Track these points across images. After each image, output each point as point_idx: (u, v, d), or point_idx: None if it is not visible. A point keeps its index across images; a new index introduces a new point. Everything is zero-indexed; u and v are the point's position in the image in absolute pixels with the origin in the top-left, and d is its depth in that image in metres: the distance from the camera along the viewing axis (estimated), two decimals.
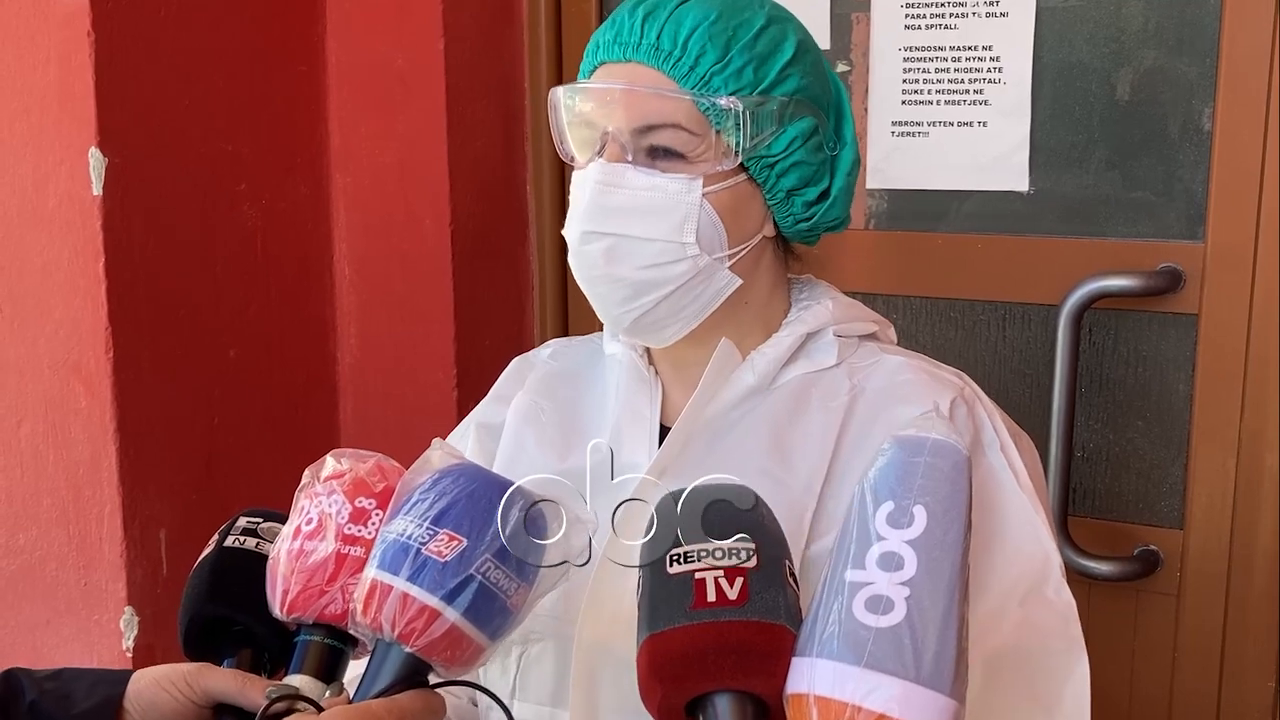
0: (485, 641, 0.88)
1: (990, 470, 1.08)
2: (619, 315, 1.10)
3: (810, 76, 1.09)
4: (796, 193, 1.10)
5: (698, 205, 1.05)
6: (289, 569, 0.95)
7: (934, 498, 0.75)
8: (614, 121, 1.06)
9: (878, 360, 1.14)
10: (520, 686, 1.13)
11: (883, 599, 0.72)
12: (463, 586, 0.85)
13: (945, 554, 0.74)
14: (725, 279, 1.08)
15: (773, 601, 0.76)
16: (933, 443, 0.78)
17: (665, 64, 1.05)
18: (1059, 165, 1.67)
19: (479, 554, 0.86)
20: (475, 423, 1.27)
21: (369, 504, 0.96)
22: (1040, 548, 1.06)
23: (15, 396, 1.69)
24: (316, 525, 0.96)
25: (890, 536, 0.74)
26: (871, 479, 0.77)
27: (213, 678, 0.93)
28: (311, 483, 0.99)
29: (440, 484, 0.90)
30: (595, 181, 1.06)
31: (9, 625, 1.76)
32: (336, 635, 0.95)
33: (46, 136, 1.61)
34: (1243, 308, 1.57)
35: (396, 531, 0.88)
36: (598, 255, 1.07)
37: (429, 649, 0.86)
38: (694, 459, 1.09)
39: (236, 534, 1.03)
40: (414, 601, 0.85)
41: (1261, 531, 1.58)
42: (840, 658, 0.71)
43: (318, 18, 1.88)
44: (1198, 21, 1.58)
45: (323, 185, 1.91)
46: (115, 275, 1.60)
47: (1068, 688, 1.03)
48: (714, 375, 1.11)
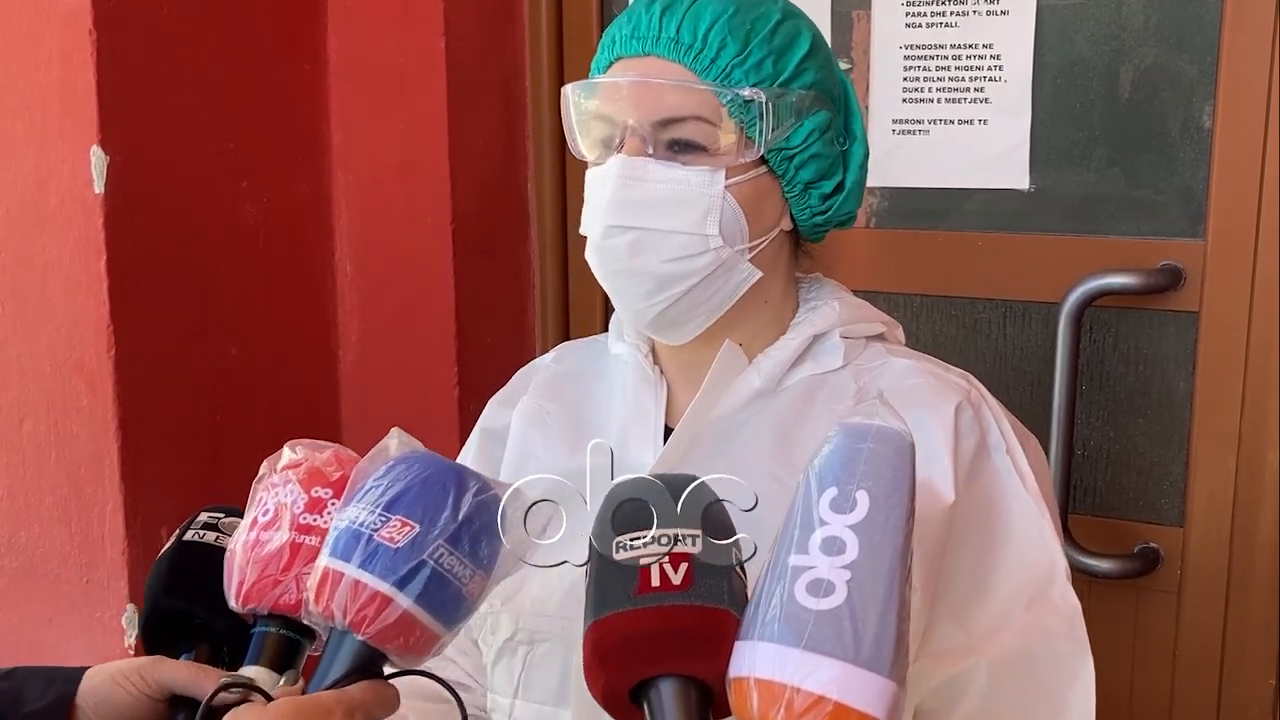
0: (440, 629, 0.87)
1: (996, 473, 1.08)
2: (643, 309, 1.09)
3: (824, 71, 1.10)
4: (814, 185, 1.10)
5: (721, 197, 1.05)
6: (244, 559, 0.94)
7: (876, 483, 0.76)
8: (634, 115, 1.05)
9: (885, 362, 1.14)
10: (524, 686, 1.13)
11: (824, 582, 0.72)
12: (415, 572, 0.84)
13: (887, 538, 0.74)
14: (746, 271, 1.08)
15: (717, 587, 0.76)
16: (876, 429, 0.78)
17: (686, 57, 1.05)
18: (1059, 163, 1.67)
19: (431, 540, 0.85)
20: (479, 428, 1.27)
21: (325, 493, 0.96)
22: (1046, 551, 1.06)
23: (17, 394, 1.70)
24: (273, 516, 0.95)
25: (833, 521, 0.74)
26: (816, 465, 0.78)
27: (166, 669, 0.92)
28: (269, 474, 0.98)
29: (394, 471, 0.89)
30: (617, 175, 1.05)
31: (11, 623, 1.76)
32: (292, 626, 0.94)
33: (48, 135, 1.61)
34: (1243, 305, 1.57)
35: (349, 519, 0.87)
36: (622, 249, 1.06)
37: (381, 637, 0.85)
38: (699, 460, 1.08)
39: (196, 528, 1.03)
40: (365, 588, 0.84)
41: (1262, 528, 1.58)
42: (781, 640, 0.71)
43: (319, 15, 1.88)
44: (1198, 19, 1.57)
45: (324, 183, 1.91)
46: (117, 273, 1.60)
47: (1073, 692, 1.03)
48: (718, 376, 1.11)
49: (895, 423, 0.79)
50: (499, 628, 1.14)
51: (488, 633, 1.16)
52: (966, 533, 1.05)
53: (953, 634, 1.03)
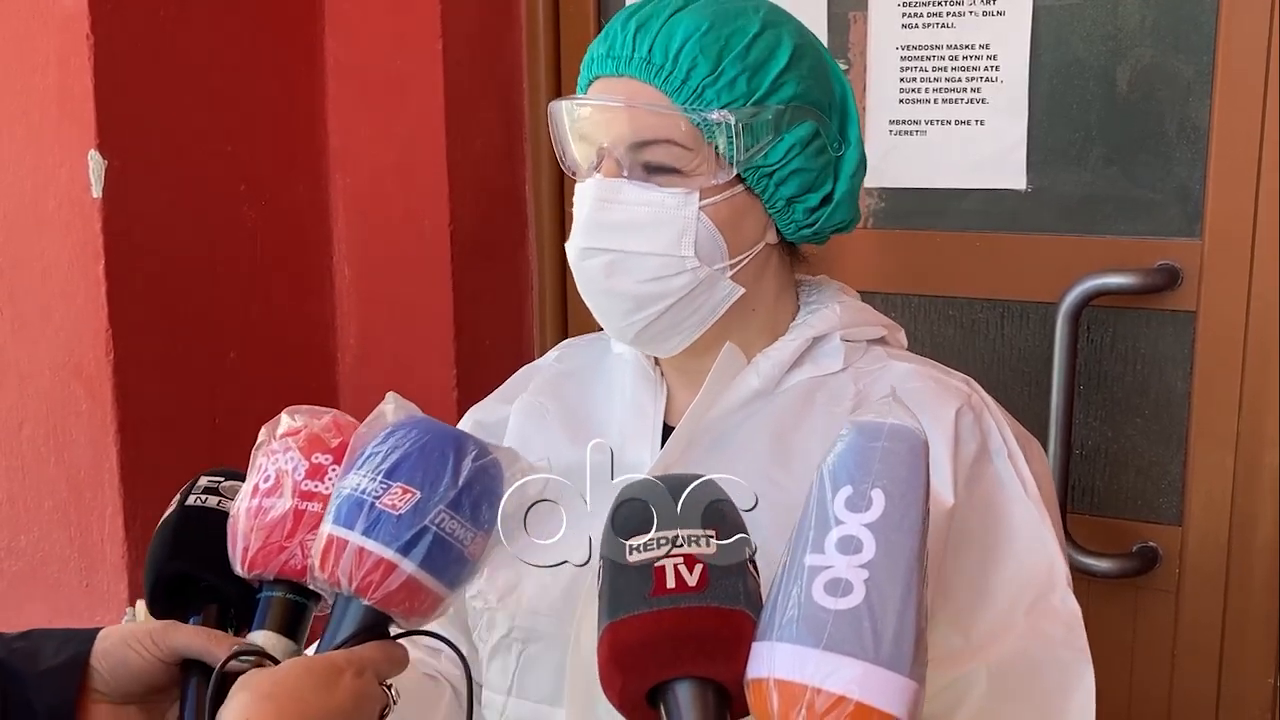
0: (444, 591, 0.89)
1: (997, 478, 1.08)
2: (622, 328, 1.10)
3: (809, 80, 1.08)
4: (797, 200, 1.09)
5: (695, 219, 1.04)
6: (248, 526, 0.95)
7: (891, 481, 0.75)
8: (609, 137, 1.06)
9: (885, 366, 1.13)
10: (519, 684, 1.13)
11: (841, 581, 0.72)
12: (418, 538, 0.86)
13: (903, 537, 0.74)
14: (727, 289, 1.08)
15: (733, 588, 0.76)
16: (890, 427, 0.78)
17: (657, 79, 1.04)
18: (1056, 163, 1.67)
19: (433, 505, 0.87)
20: (472, 420, 1.26)
21: (325, 459, 0.96)
22: (1046, 556, 1.05)
23: (16, 399, 1.70)
24: (274, 483, 0.96)
25: (849, 520, 0.74)
26: (830, 464, 0.77)
27: (179, 634, 0.93)
28: (268, 440, 0.99)
29: (393, 438, 0.90)
30: (593, 198, 1.06)
31: (11, 626, 1.74)
32: (298, 590, 0.95)
33: (46, 139, 1.61)
34: (1240, 304, 1.57)
35: (351, 486, 0.89)
36: (598, 271, 1.07)
37: (387, 601, 0.87)
38: (697, 461, 1.08)
39: (198, 493, 1.03)
40: (370, 555, 0.86)
41: (1260, 527, 1.58)
42: (800, 640, 0.71)
43: (316, 19, 1.88)
44: (1194, 18, 1.58)
45: (322, 186, 1.92)
46: (115, 277, 1.61)
47: (1073, 700, 1.03)
48: (717, 378, 1.11)
49: (909, 421, 0.79)
50: (494, 625, 1.14)
51: (483, 630, 1.16)
52: (967, 537, 1.05)
53: (953, 639, 1.03)
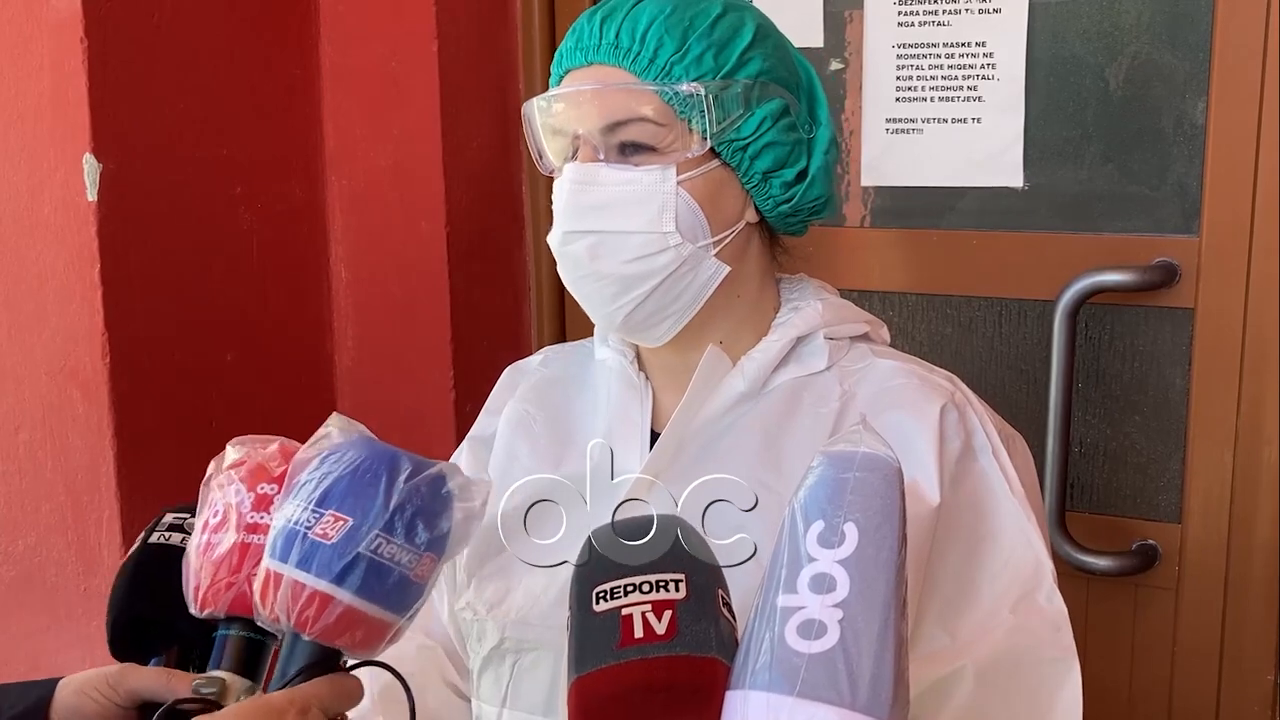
0: (390, 617, 0.86)
1: (982, 475, 1.08)
2: (610, 313, 1.10)
3: (774, 59, 1.10)
4: (773, 174, 1.10)
5: (673, 194, 1.05)
6: (198, 563, 0.93)
7: (865, 514, 0.72)
8: (583, 124, 1.07)
9: (869, 364, 1.14)
10: (512, 694, 1.13)
11: (815, 623, 0.69)
12: (351, 567, 0.84)
13: (879, 571, 0.71)
14: (712, 267, 1.09)
15: (703, 634, 0.73)
16: (862, 456, 0.75)
17: (625, 60, 1.06)
18: (1053, 161, 1.67)
19: (365, 531, 0.84)
20: (469, 436, 1.27)
21: (270, 489, 0.94)
22: (1032, 554, 1.05)
23: (12, 403, 1.69)
24: (222, 518, 0.94)
25: (821, 557, 0.71)
26: (801, 499, 0.74)
27: (136, 677, 0.91)
28: (215, 473, 0.97)
29: (326, 463, 0.88)
30: (571, 182, 1.07)
31: (8, 632, 1.76)
32: (254, 627, 0.92)
33: (40, 143, 1.61)
34: (1238, 301, 1.56)
35: (285, 517, 0.86)
36: (582, 253, 1.08)
37: (327, 634, 0.84)
38: (686, 465, 1.09)
39: (161, 530, 1.01)
40: (304, 588, 0.84)
41: (1259, 525, 1.58)
42: (773, 688, 0.68)
43: (311, 20, 1.88)
44: (1190, 15, 1.57)
45: (318, 188, 1.91)
46: (111, 281, 1.60)
47: (1059, 699, 1.02)
48: (703, 380, 1.11)
49: (881, 449, 0.76)
50: (485, 636, 1.13)
51: (474, 641, 1.15)
52: (952, 536, 1.05)
53: (938, 637, 1.03)
